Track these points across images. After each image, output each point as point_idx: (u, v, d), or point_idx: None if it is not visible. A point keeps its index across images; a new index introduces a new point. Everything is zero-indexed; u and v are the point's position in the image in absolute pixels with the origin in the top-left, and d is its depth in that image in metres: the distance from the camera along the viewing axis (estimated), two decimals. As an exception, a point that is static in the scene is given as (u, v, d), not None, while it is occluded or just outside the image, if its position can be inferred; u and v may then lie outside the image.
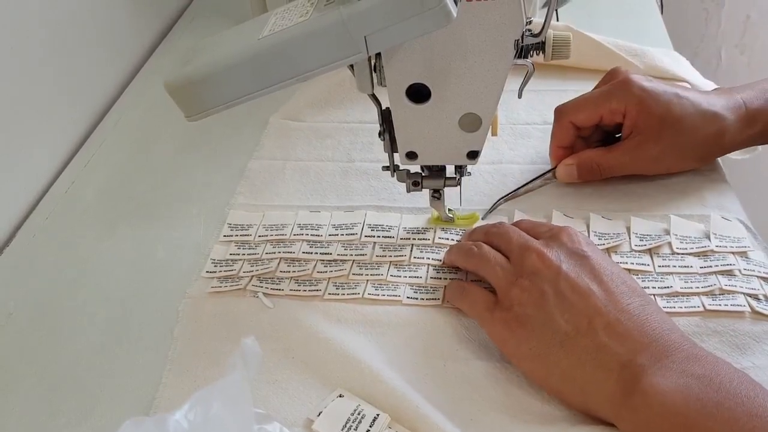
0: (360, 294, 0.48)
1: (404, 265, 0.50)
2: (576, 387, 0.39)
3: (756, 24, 1.26)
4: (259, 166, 0.62)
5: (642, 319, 0.39)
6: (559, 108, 0.54)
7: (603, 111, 0.52)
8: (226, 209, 0.57)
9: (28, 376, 0.46)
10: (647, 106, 0.51)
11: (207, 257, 0.52)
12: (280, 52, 0.38)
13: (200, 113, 0.41)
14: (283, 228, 0.54)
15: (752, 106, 0.52)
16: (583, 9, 0.81)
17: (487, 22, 0.39)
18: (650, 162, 0.53)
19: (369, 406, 0.40)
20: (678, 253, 0.49)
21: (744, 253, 0.48)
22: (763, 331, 0.43)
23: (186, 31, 0.86)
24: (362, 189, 0.58)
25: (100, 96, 0.74)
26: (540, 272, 0.42)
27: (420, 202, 0.55)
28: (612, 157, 0.53)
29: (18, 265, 0.55)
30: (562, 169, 0.54)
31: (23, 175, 0.61)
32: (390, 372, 0.42)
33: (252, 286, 0.49)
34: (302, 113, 0.67)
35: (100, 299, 0.51)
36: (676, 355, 0.37)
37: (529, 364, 0.41)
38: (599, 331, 0.39)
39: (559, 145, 0.55)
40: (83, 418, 0.42)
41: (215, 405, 0.29)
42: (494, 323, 0.42)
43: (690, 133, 0.51)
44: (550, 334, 0.40)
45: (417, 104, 0.44)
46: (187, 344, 0.46)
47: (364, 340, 0.45)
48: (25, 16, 0.61)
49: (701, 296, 0.45)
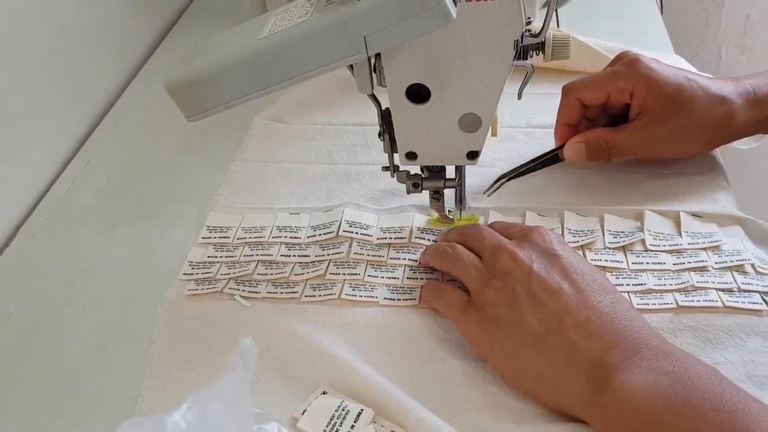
0: (337, 294, 0.48)
1: (381, 265, 0.50)
2: (548, 386, 0.39)
3: (756, 24, 1.26)
4: (241, 167, 0.62)
5: (612, 317, 0.39)
6: (567, 86, 0.54)
7: (611, 89, 0.52)
8: (206, 211, 0.57)
9: (28, 376, 0.46)
10: (656, 86, 0.50)
11: (184, 259, 0.52)
12: (280, 53, 0.38)
13: (200, 113, 0.41)
14: (262, 230, 0.54)
15: (761, 93, 0.52)
16: (583, 9, 0.81)
17: (487, 23, 0.39)
18: (658, 144, 0.52)
19: (353, 401, 0.40)
20: (651, 250, 0.49)
21: (716, 247, 0.48)
22: (735, 325, 0.44)
23: (186, 31, 0.86)
24: (343, 191, 0.58)
25: (100, 96, 0.74)
26: (512, 272, 0.42)
27: (396, 203, 0.56)
28: (620, 137, 0.52)
29: (18, 265, 0.55)
30: (571, 147, 0.53)
31: (23, 175, 0.61)
32: (371, 369, 0.42)
33: (229, 288, 0.49)
34: (287, 115, 0.67)
35: (100, 299, 0.51)
36: (645, 352, 0.37)
37: (503, 363, 0.41)
38: (569, 330, 0.39)
39: (566, 123, 0.54)
40: (83, 419, 0.42)
41: (213, 405, 0.29)
42: (468, 323, 0.43)
43: (699, 115, 0.51)
44: (522, 335, 0.40)
45: (417, 104, 0.44)
46: (166, 347, 0.46)
47: (341, 341, 0.45)
48: (25, 17, 0.61)
49: (674, 293, 0.46)
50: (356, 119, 0.66)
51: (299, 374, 0.43)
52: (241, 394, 0.30)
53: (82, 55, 0.70)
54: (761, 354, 0.42)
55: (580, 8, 0.82)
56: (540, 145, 0.60)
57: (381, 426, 0.39)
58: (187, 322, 0.47)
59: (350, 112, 0.67)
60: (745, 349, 0.42)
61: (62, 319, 0.49)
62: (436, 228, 0.53)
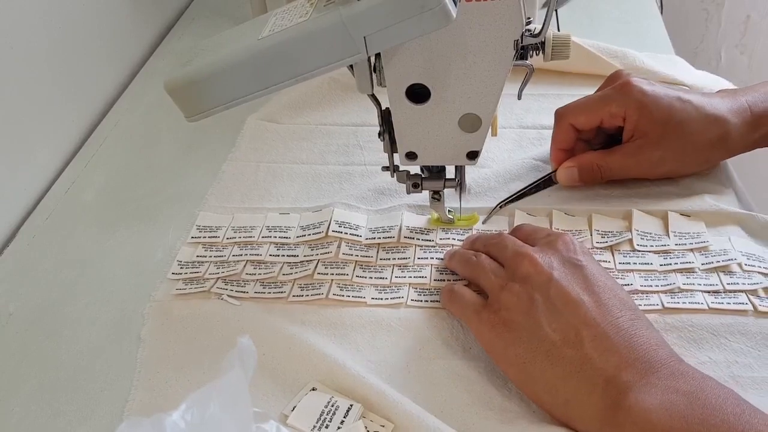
0: (324, 294, 0.48)
1: (370, 265, 0.50)
2: (559, 399, 0.38)
3: (756, 24, 1.26)
4: (232, 167, 0.62)
5: (630, 334, 0.38)
6: (560, 111, 0.54)
7: (603, 115, 0.52)
8: (196, 211, 0.57)
9: (28, 376, 0.46)
10: (648, 111, 0.50)
11: (173, 259, 0.52)
12: (280, 53, 0.38)
13: (200, 113, 0.41)
14: (252, 230, 0.54)
15: (757, 110, 0.51)
16: (584, 10, 0.81)
17: (487, 23, 0.39)
18: (651, 165, 0.52)
19: (342, 397, 0.41)
20: (639, 250, 0.49)
21: (704, 248, 0.48)
22: (720, 325, 0.44)
23: (186, 31, 0.86)
24: (334, 192, 0.58)
25: (100, 96, 0.74)
26: (531, 278, 0.41)
27: (387, 203, 0.56)
28: (613, 160, 0.53)
29: (18, 265, 0.55)
30: (563, 172, 0.54)
31: (23, 176, 0.61)
32: (359, 365, 0.42)
33: (217, 288, 0.49)
34: (279, 115, 0.67)
35: (100, 300, 0.51)
36: (662, 372, 0.36)
37: (514, 369, 0.40)
38: (586, 343, 0.38)
39: (560, 148, 0.55)
40: (84, 419, 0.42)
41: (212, 405, 0.29)
42: (482, 325, 0.42)
43: (692, 137, 0.51)
44: (537, 342, 0.39)
45: (417, 104, 0.44)
46: (154, 347, 0.46)
47: (327, 341, 0.45)
48: (25, 17, 0.61)
49: (660, 294, 0.46)
50: (348, 119, 0.66)
51: (288, 371, 0.43)
52: (240, 393, 0.30)
53: (82, 55, 0.70)
54: (746, 354, 0.42)
55: (580, 8, 0.82)
56: (531, 145, 0.61)
57: (370, 421, 0.40)
58: (174, 321, 0.48)
59: (342, 112, 0.67)
60: (729, 350, 0.42)
61: (62, 320, 0.49)
62: (429, 228, 0.53)
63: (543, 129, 0.62)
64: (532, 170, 0.57)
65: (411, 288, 0.48)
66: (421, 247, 0.51)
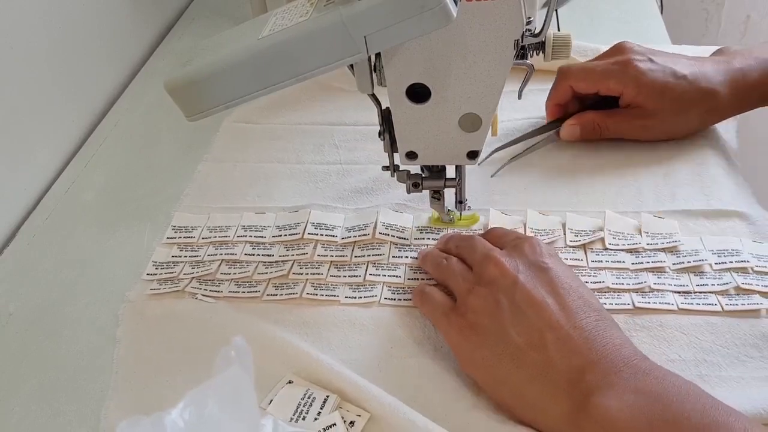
0: (298, 294, 0.48)
1: (344, 265, 0.50)
2: (525, 402, 0.38)
3: (756, 24, 1.26)
4: (208, 168, 0.62)
5: (594, 335, 0.38)
6: (563, 70, 0.58)
7: (601, 86, 0.56)
8: (171, 211, 0.57)
9: (28, 376, 0.46)
10: (645, 89, 0.54)
11: (148, 259, 0.52)
12: (280, 52, 0.38)
13: (200, 113, 0.41)
14: (227, 230, 0.54)
15: (750, 78, 0.55)
16: (584, 10, 0.81)
17: (487, 22, 0.39)
18: (645, 130, 0.57)
19: (318, 389, 0.41)
20: (610, 249, 0.49)
21: (675, 248, 0.49)
22: (689, 324, 0.44)
23: (186, 31, 0.86)
24: (309, 191, 0.58)
25: (100, 96, 0.74)
26: (497, 281, 0.41)
27: (365, 203, 0.56)
28: (612, 122, 0.57)
29: (18, 265, 0.55)
30: (567, 128, 0.58)
31: (23, 176, 0.61)
32: (333, 359, 0.43)
33: (191, 287, 0.49)
34: (256, 115, 0.67)
35: (100, 300, 0.50)
36: (625, 371, 0.36)
37: (481, 373, 0.40)
38: (549, 346, 0.38)
39: (556, 103, 0.59)
40: (84, 419, 0.42)
41: (210, 403, 0.29)
42: (450, 328, 0.42)
43: (686, 109, 0.55)
44: (502, 346, 0.39)
45: (417, 104, 0.44)
46: (130, 347, 0.46)
47: (300, 340, 0.45)
48: (25, 17, 0.61)
49: (631, 293, 0.46)
50: (324, 119, 0.66)
51: (264, 366, 0.43)
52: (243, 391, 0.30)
53: (82, 55, 0.70)
54: (714, 353, 0.42)
55: (580, 8, 0.82)
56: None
57: (347, 411, 0.40)
58: (149, 321, 0.48)
59: (319, 111, 0.67)
60: (698, 348, 0.42)
61: (62, 319, 0.49)
62: (404, 226, 0.53)
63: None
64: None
65: (385, 287, 0.49)
66: (396, 245, 0.52)
